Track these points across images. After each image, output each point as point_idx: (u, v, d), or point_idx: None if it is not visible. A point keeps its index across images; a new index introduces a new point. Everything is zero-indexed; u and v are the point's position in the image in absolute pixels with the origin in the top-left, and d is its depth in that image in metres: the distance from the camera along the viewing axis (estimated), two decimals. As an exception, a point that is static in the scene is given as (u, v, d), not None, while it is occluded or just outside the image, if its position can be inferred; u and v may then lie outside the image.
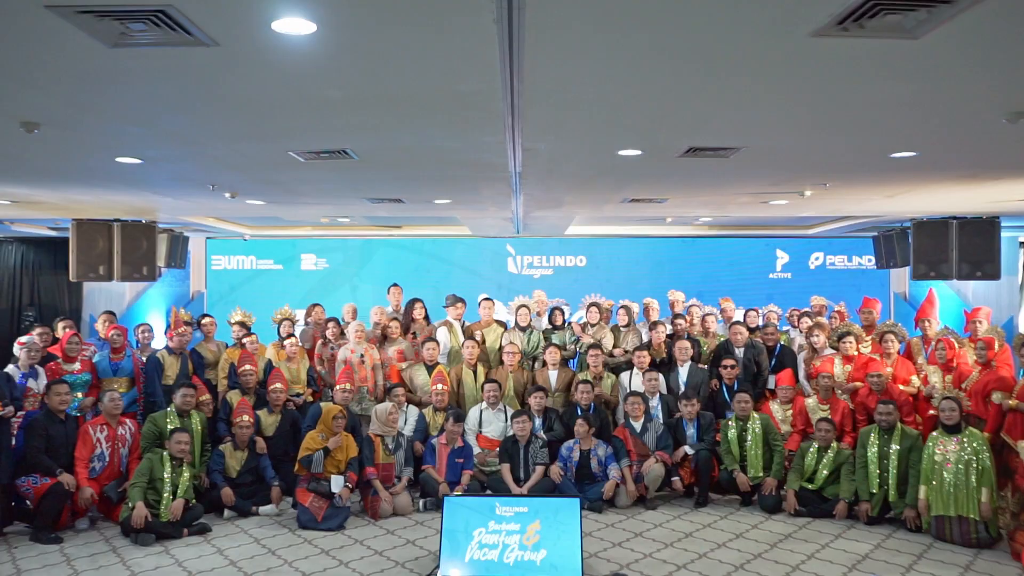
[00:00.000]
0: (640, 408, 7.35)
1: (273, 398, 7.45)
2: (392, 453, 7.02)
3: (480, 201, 7.43)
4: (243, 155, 4.99)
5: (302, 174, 5.71)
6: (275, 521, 6.60)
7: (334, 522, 6.36)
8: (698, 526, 6.50)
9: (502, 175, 5.78)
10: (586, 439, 7.15)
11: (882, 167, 5.34)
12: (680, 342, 8.04)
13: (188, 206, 7.86)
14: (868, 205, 7.74)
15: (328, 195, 7.07)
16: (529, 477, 7.11)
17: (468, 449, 7.27)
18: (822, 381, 7.49)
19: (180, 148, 4.74)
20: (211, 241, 12.06)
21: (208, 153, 4.91)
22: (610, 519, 6.67)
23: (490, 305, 8.69)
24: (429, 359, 8.18)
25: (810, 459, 6.96)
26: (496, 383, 7.84)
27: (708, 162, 5.20)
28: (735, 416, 7.31)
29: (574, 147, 4.76)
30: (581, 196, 7.17)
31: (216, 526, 6.39)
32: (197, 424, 6.99)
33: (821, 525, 6.50)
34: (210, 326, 8.34)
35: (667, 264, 12.04)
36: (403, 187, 6.56)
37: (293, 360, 8.13)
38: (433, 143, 4.63)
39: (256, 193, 6.86)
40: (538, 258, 12.20)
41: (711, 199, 7.30)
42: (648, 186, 6.36)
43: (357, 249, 12.19)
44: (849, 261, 12.20)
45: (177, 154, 4.94)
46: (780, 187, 6.36)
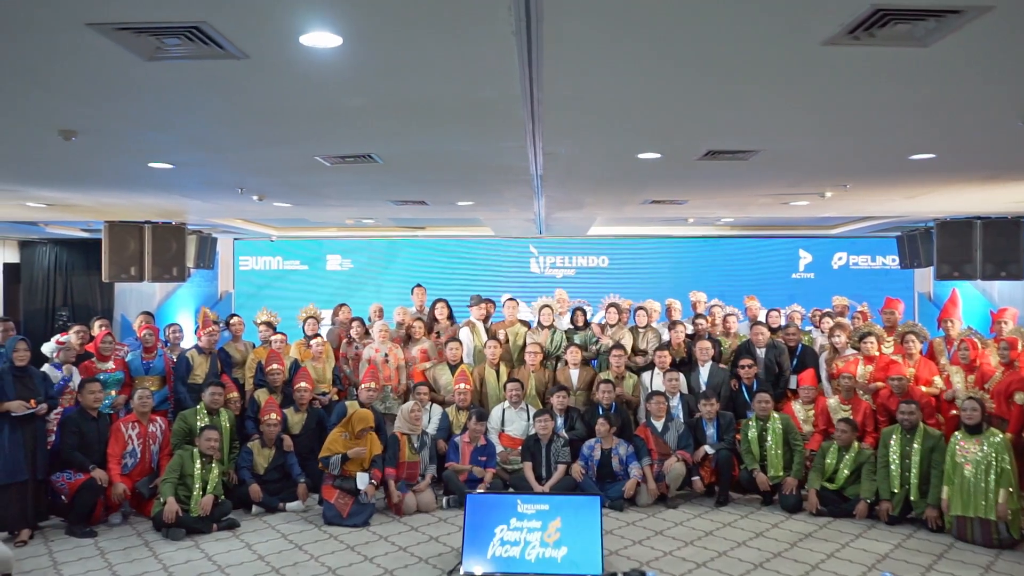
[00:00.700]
0: (663, 407, 7.41)
1: (299, 397, 7.59)
2: (417, 452, 7.14)
3: (502, 203, 7.53)
4: (270, 160, 5.13)
5: (327, 177, 5.84)
6: (301, 517, 6.74)
7: (359, 518, 6.49)
8: (718, 525, 6.55)
9: (523, 178, 5.87)
10: (607, 438, 7.21)
11: (901, 169, 5.36)
12: (701, 342, 8.08)
13: (216, 208, 8.03)
14: (889, 206, 7.73)
15: (353, 197, 7.20)
16: (551, 475, 7.21)
17: (491, 447, 7.37)
18: (843, 381, 7.50)
19: (210, 154, 4.89)
20: (239, 242, 12.27)
21: (237, 158, 5.05)
22: (631, 517, 6.74)
23: (514, 305, 8.77)
24: (452, 359, 8.29)
25: (831, 459, 6.98)
26: (518, 382, 7.92)
27: (727, 165, 5.25)
28: (755, 416, 7.34)
29: (594, 151, 4.84)
30: (602, 198, 7.24)
31: (244, 521, 6.55)
32: (226, 422, 7.15)
33: (841, 525, 6.52)
34: (238, 326, 8.51)
35: (689, 264, 12.06)
36: (426, 189, 6.68)
37: (319, 359, 8.27)
38: (455, 148, 4.74)
39: (283, 196, 7.01)
40: (560, 258, 12.27)
41: (732, 200, 7.34)
42: (668, 188, 6.43)
43: (382, 250, 12.34)
44: (873, 261, 12.14)
45: (207, 159, 5.08)
46: (800, 188, 6.39)
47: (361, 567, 5.51)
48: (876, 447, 6.86)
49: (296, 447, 7.36)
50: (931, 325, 8.76)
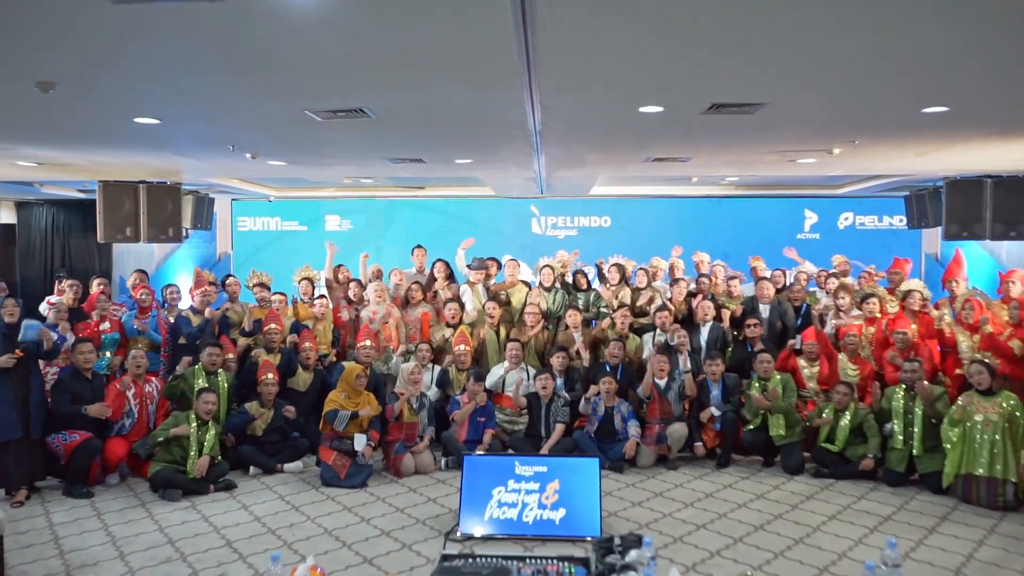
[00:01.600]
0: (665, 367, 7.32)
1: (303, 356, 7.53)
2: (416, 412, 7.07)
3: (501, 161, 7.36)
4: (259, 114, 4.97)
5: (321, 134, 5.68)
6: (299, 478, 6.70)
7: (357, 479, 6.45)
8: (719, 486, 6.49)
9: (522, 133, 5.70)
10: (610, 397, 7.14)
11: (913, 123, 5.17)
12: (703, 302, 7.97)
13: (211, 167, 7.88)
14: (899, 163, 7.54)
15: (348, 155, 7.04)
16: (550, 435, 7.15)
17: (490, 408, 7.30)
18: (849, 339, 7.41)
19: (196, 107, 4.73)
20: (236, 203, 12.12)
21: (224, 113, 4.89)
22: (630, 479, 6.69)
23: (515, 265, 8.66)
24: (451, 319, 8.19)
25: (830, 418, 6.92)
26: (518, 342, 7.85)
27: (732, 119, 5.08)
28: (757, 376, 7.25)
29: (593, 104, 4.66)
30: (603, 155, 7.07)
31: (241, 483, 6.51)
32: (223, 383, 7.09)
33: (844, 487, 6.46)
34: (234, 286, 8.41)
35: (692, 225, 11.87)
36: (423, 146, 6.50)
37: (320, 320, 8.18)
38: (450, 100, 4.57)
39: (277, 154, 6.85)
40: (562, 219, 12.10)
41: (737, 158, 7.16)
42: (671, 144, 6.25)
43: (381, 210, 12.18)
44: (879, 221, 11.95)
45: (194, 114, 4.92)
46: (808, 145, 6.21)
47: (358, 528, 5.47)
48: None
49: (300, 406, 7.32)
50: (937, 286, 8.61)
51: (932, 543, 5.24)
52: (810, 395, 7.44)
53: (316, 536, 5.32)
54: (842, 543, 5.22)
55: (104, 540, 5.24)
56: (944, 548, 5.13)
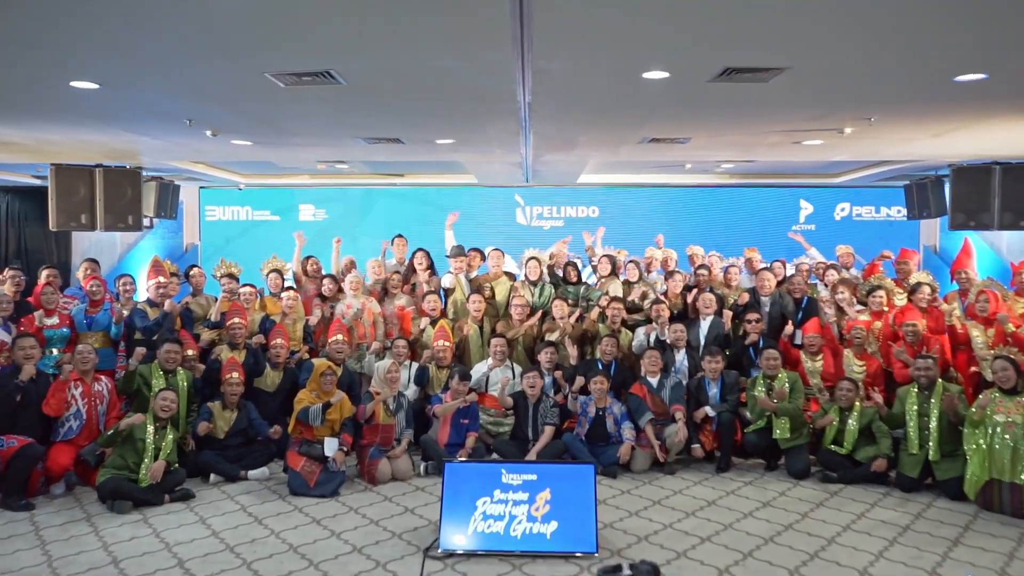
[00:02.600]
0: (658, 364, 6.83)
1: (273, 354, 6.97)
2: (393, 414, 6.53)
3: (486, 141, 6.81)
4: (213, 79, 4.39)
5: (285, 106, 5.11)
6: (264, 486, 6.13)
7: (327, 488, 5.90)
8: (721, 493, 6.00)
9: (510, 106, 5.16)
10: (602, 397, 6.64)
11: (942, 94, 4.69)
12: (704, 295, 7.48)
13: (171, 148, 7.27)
14: (908, 147, 7.08)
15: (319, 133, 6.46)
16: (537, 438, 6.64)
17: (473, 409, 6.76)
18: (855, 333, 6.96)
19: (139, 69, 4.15)
20: (204, 191, 11.49)
21: (173, 76, 4.31)
22: (626, 485, 6.19)
23: (499, 256, 8.14)
24: (431, 312, 7.67)
25: (834, 422, 6.46)
26: (503, 338, 7.33)
27: (743, 89, 4.57)
28: (762, 374, 6.78)
29: (592, 67, 4.13)
30: (596, 135, 6.54)
31: (201, 492, 5.94)
32: (183, 381, 6.51)
33: (854, 492, 6.01)
34: (198, 278, 7.84)
35: (684, 215, 11.41)
36: (400, 123, 5.94)
37: (290, 315, 7.62)
38: (429, 62, 4.02)
39: (239, 130, 6.25)
40: (548, 208, 11.57)
41: (739, 139, 6.65)
42: (672, 120, 5.72)
43: (358, 199, 11.60)
44: (877, 212, 11.53)
45: (138, 78, 4.34)
46: (819, 122, 5.71)
47: (327, 544, 4.92)
48: (889, 406, 6.35)
49: (268, 407, 6.77)
50: (938, 279, 8.17)
51: (959, 556, 4.78)
52: (813, 392, 7.01)
53: (280, 554, 4.76)
54: (861, 558, 4.75)
55: (39, 560, 4.64)
56: (973, 562, 4.67)
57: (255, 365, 6.88)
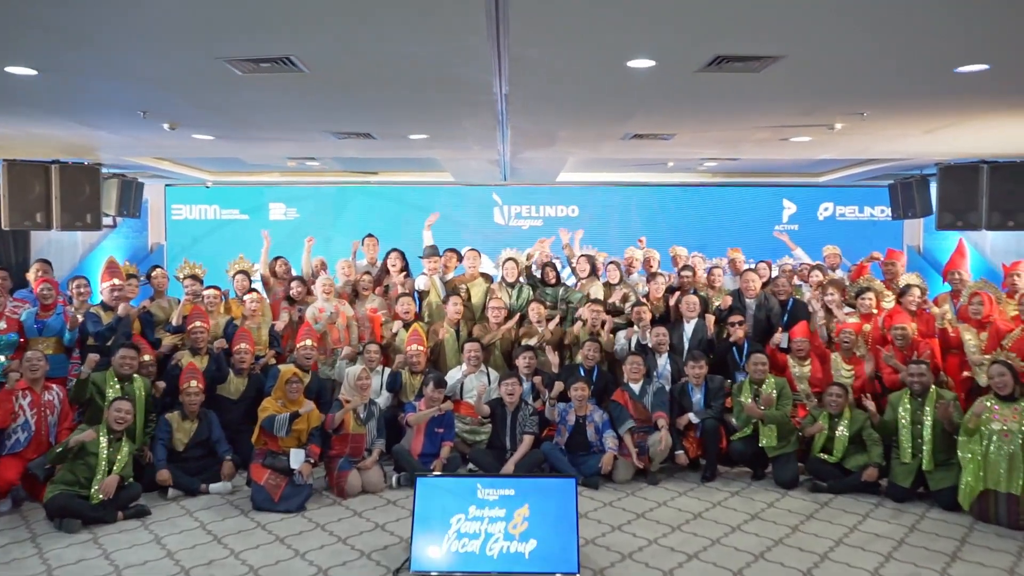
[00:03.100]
0: (640, 370, 6.56)
1: (237, 359, 6.63)
2: (363, 423, 6.21)
3: (462, 137, 6.51)
4: (163, 66, 4.05)
5: (245, 96, 4.77)
6: (227, 501, 5.79)
7: (293, 502, 5.57)
8: (707, 504, 5.74)
9: (486, 99, 4.86)
10: (582, 404, 6.36)
11: (942, 86, 4.45)
12: (687, 296, 7.22)
13: (129, 143, 6.89)
14: (897, 145, 6.86)
15: (284, 127, 6.11)
16: (515, 447, 6.35)
17: (449, 417, 6.45)
18: (844, 336, 6.73)
19: (81, 53, 3.80)
20: (170, 188, 11.06)
21: (118, 62, 3.97)
22: (608, 496, 5.91)
23: (475, 256, 7.84)
24: (405, 315, 7.35)
25: (824, 430, 6.23)
26: (477, 342, 7.03)
27: (733, 80, 4.31)
28: (749, 379, 6.53)
29: (573, 54, 3.84)
30: (577, 130, 6.26)
31: (158, 508, 5.58)
32: (140, 390, 6.15)
33: (845, 502, 5.78)
34: (160, 279, 7.46)
35: (665, 214, 11.15)
36: (369, 116, 5.61)
37: (254, 318, 7.27)
38: (398, 48, 3.71)
39: (199, 124, 5.89)
40: (526, 208, 11.27)
41: (725, 134, 6.40)
42: (657, 114, 5.45)
43: (331, 198, 11.22)
44: (860, 212, 11.35)
45: (80, 63, 3.98)
46: (809, 117, 5.46)
47: (290, 566, 4.59)
48: (881, 412, 6.12)
49: (231, 416, 6.43)
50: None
51: (958, 573, 4.55)
52: (800, 397, 6.78)
53: (238, 577, 4.44)
54: (857, 575, 4.50)
55: (-26, 587, 4.29)
56: (974, 580, 4.45)
57: (218, 371, 6.53)
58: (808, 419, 6.40)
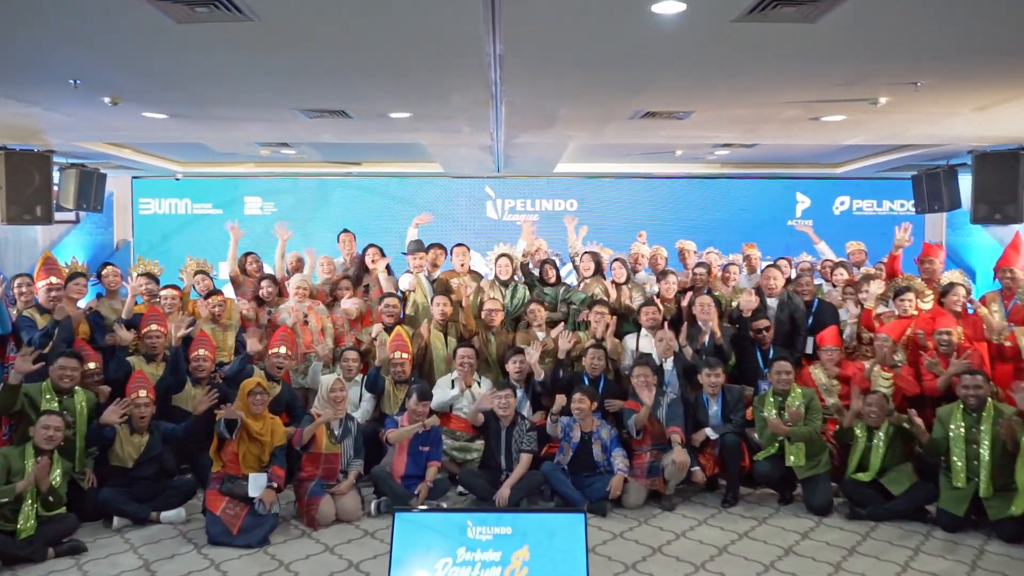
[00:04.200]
0: (650, 380, 5.79)
1: (196, 367, 5.87)
2: (338, 441, 5.44)
3: (450, 115, 5.74)
4: (82, 13, 3.28)
5: (187, 54, 3.99)
6: (179, 532, 5.02)
7: (254, 535, 4.80)
8: (732, 535, 5.00)
9: (477, 62, 4.10)
10: (587, 419, 5.62)
11: (1015, 53, 3.72)
12: (701, 297, 6.47)
13: (76, 124, 6.10)
14: (938, 127, 6.12)
15: (246, 102, 5.33)
16: (511, 468, 5.59)
17: (435, 434, 5.69)
18: (880, 343, 6.00)
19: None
20: (137, 181, 10.26)
21: (28, 8, 3.19)
22: (617, 525, 5.16)
23: (464, 252, 7.08)
24: (389, 317, 6.59)
25: (859, 444, 5.50)
26: (472, 348, 6.28)
27: (779, 32, 3.54)
28: (772, 390, 5.79)
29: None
30: (580, 107, 5.50)
31: (98, 542, 4.82)
32: (81, 404, 5.35)
33: (889, 533, 5.05)
34: (112, 277, 6.67)
35: (671, 209, 10.40)
36: (341, 86, 4.83)
37: (219, 322, 6.50)
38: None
39: (144, 97, 5.09)
40: (522, 201, 10.50)
41: (749, 112, 5.63)
42: (676, 83, 4.66)
43: (311, 191, 10.43)
44: (879, 206, 10.61)
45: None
46: (855, 88, 4.69)
47: (241, 620, 3.83)
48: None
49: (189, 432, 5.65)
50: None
51: (1040, 625, 3.81)
52: (831, 412, 6.04)
53: (176, 637, 3.67)
54: (923, 631, 3.77)
55: None
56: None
57: (175, 380, 5.76)
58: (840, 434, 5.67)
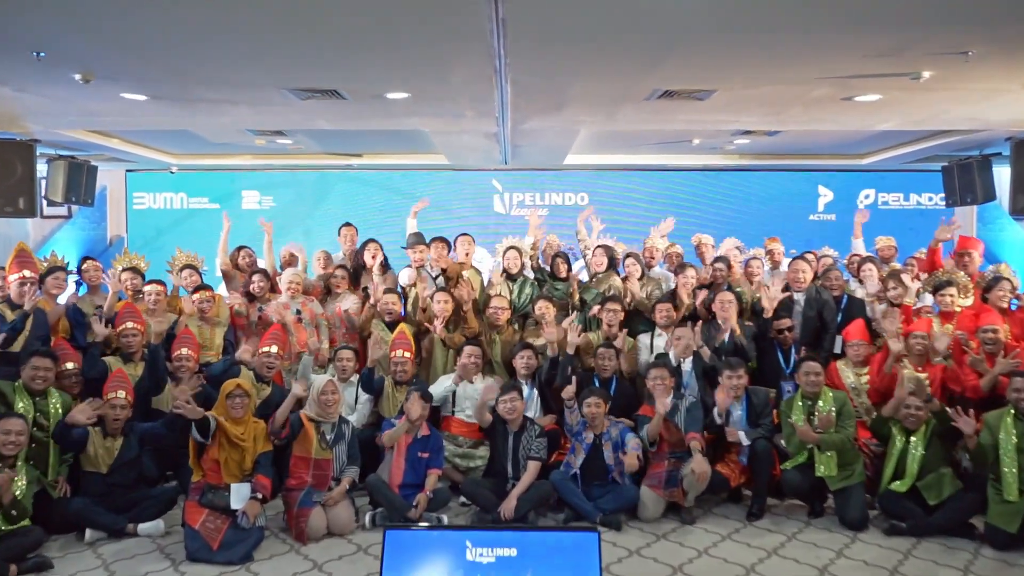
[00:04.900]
0: (668, 383, 5.35)
1: (177, 366, 5.48)
2: (330, 446, 5.02)
3: (450, 95, 5.32)
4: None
5: (158, 21, 3.58)
6: (156, 547, 4.62)
7: (236, 551, 4.40)
8: (761, 553, 4.55)
9: (477, 29, 3.68)
10: (597, 422, 5.19)
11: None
12: (723, 293, 6.03)
13: (54, 107, 5.72)
14: (981, 107, 5.65)
15: (230, 80, 4.91)
16: (518, 476, 5.16)
17: (435, 439, 5.27)
18: (915, 341, 5.55)
19: None
20: (132, 175, 9.89)
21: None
22: (633, 541, 4.73)
23: (468, 242, 6.67)
24: (389, 315, 6.19)
25: (896, 449, 5.04)
26: (478, 347, 5.86)
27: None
28: (800, 394, 5.34)
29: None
30: (593, 85, 5.07)
31: (70, 555, 4.45)
32: (56, 407, 4.97)
33: (933, 550, 4.60)
34: (92, 271, 6.31)
35: (686, 203, 9.93)
36: (332, 63, 4.42)
37: (207, 319, 6.11)
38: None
39: (118, 74, 4.66)
40: (530, 195, 10.06)
41: (777, 91, 5.18)
42: (699, 54, 4.22)
43: (310, 185, 10.03)
44: (906, 200, 10.12)
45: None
46: (897, 60, 4.24)
47: (213, 651, 3.42)
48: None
49: (169, 439, 5.23)
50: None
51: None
52: (860, 414, 5.60)
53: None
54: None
55: None
56: None
57: (154, 381, 5.37)
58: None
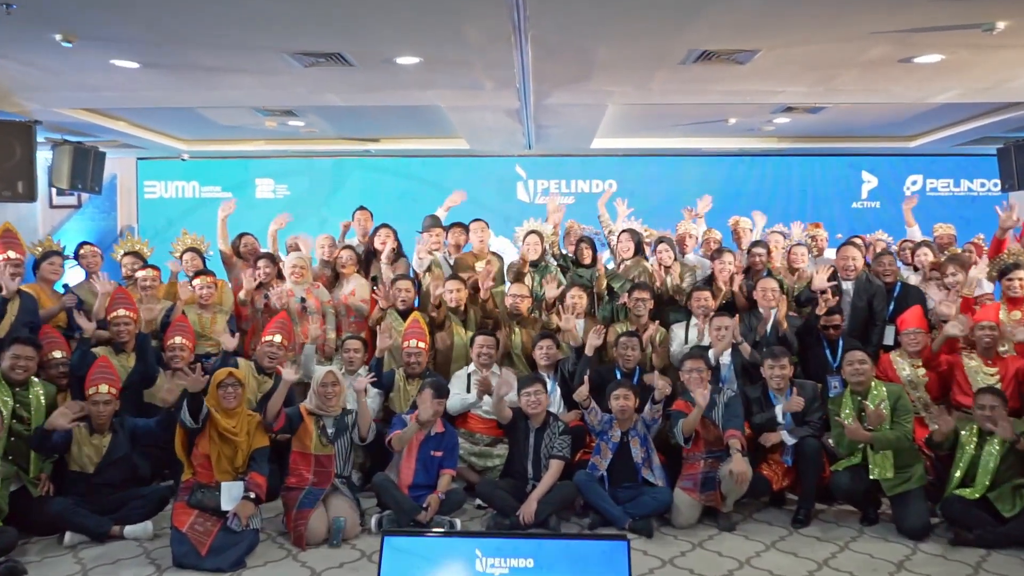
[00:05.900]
0: (705, 375, 4.86)
1: (170, 357, 5.11)
2: (331, 441, 4.60)
3: (466, 60, 4.87)
4: None
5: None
6: (142, 550, 4.23)
7: (226, 558, 3.99)
8: (811, 565, 4.06)
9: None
10: (625, 417, 4.72)
11: None
12: (764, 280, 5.52)
13: (44, 79, 5.36)
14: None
15: (225, 43, 4.50)
16: (538, 476, 4.71)
17: (450, 437, 4.83)
18: (982, 332, 5.01)
19: None
20: (142, 163, 9.58)
21: None
22: (666, 549, 4.25)
23: (482, 228, 6.24)
24: (403, 302, 5.77)
25: (966, 453, 4.49)
26: (493, 336, 5.42)
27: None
28: (849, 390, 4.80)
29: None
30: (622, 47, 4.60)
31: (47, 560, 4.08)
32: (39, 398, 4.61)
33: (1004, 564, 4.09)
34: (91, 257, 5.98)
35: (720, 190, 9.31)
36: (333, 19, 4.00)
37: (207, 307, 5.74)
38: None
39: (102, 34, 4.28)
40: (555, 183, 9.58)
41: (825, 51, 4.66)
42: (739, 8, 3.75)
43: (327, 172, 9.65)
44: (956, 186, 9.50)
45: None
46: (966, 4, 3.74)
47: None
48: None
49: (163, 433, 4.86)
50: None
51: None
52: (918, 410, 5.07)
53: None
54: None
55: None
56: None
57: (146, 373, 4.99)
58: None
